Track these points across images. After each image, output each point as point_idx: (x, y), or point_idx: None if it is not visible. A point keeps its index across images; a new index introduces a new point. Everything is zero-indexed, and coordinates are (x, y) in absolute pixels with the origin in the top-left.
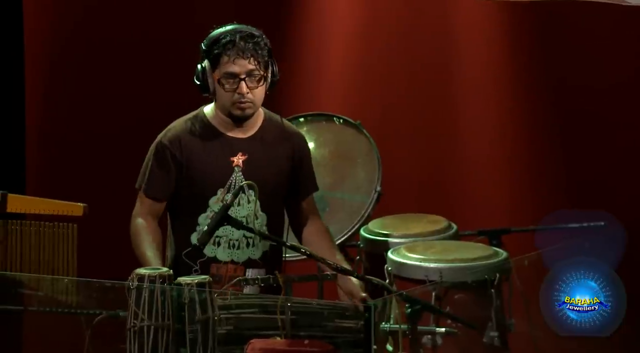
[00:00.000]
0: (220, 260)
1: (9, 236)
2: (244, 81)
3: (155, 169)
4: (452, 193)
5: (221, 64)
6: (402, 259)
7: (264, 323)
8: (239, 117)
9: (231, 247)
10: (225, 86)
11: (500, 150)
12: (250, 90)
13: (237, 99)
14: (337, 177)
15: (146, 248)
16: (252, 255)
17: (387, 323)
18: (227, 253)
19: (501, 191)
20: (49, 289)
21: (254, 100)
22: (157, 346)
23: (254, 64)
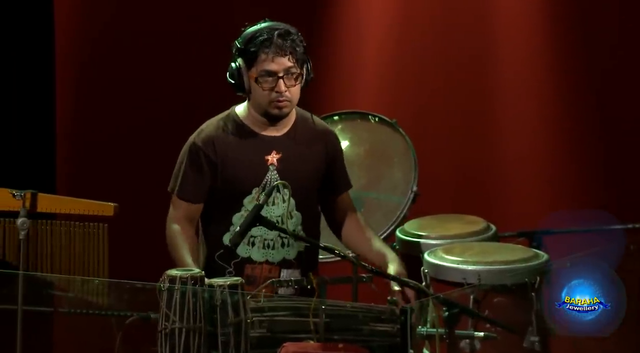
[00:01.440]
0: (255, 261)
1: (39, 236)
2: (282, 79)
3: (189, 171)
4: (491, 193)
5: (258, 62)
6: (439, 261)
7: (297, 327)
8: (276, 116)
9: (266, 247)
10: (262, 85)
11: (541, 148)
12: (288, 89)
13: (274, 98)
14: (372, 176)
15: (185, 256)
16: (287, 255)
17: (424, 327)
18: (261, 254)
19: (542, 191)
20: (80, 290)
21: (291, 99)
22: (189, 349)
23: (292, 61)
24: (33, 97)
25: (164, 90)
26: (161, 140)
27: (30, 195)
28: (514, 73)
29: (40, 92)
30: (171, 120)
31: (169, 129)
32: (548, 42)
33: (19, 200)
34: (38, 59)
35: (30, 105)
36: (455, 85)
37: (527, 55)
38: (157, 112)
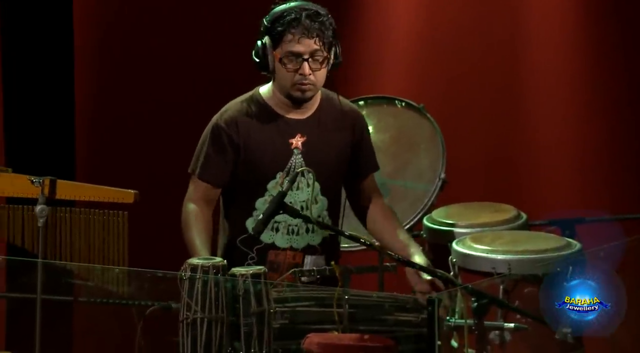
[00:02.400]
0: (279, 247)
1: (59, 223)
2: (307, 62)
3: (211, 152)
4: (522, 180)
5: (284, 42)
6: (468, 250)
7: (321, 317)
8: (298, 99)
9: (290, 232)
10: (287, 66)
11: (573, 135)
12: (313, 72)
13: (298, 80)
14: (398, 163)
15: (195, 236)
16: (312, 241)
17: (452, 318)
18: (285, 240)
19: (574, 178)
20: (99, 279)
21: (315, 83)
22: (211, 339)
23: (319, 44)
24: (52, 83)
25: (184, 73)
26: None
27: (49, 181)
28: (545, 59)
29: (58, 78)
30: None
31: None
32: (580, 27)
33: (37, 187)
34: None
35: (49, 92)
36: (484, 70)
37: (558, 41)
38: (178, 97)
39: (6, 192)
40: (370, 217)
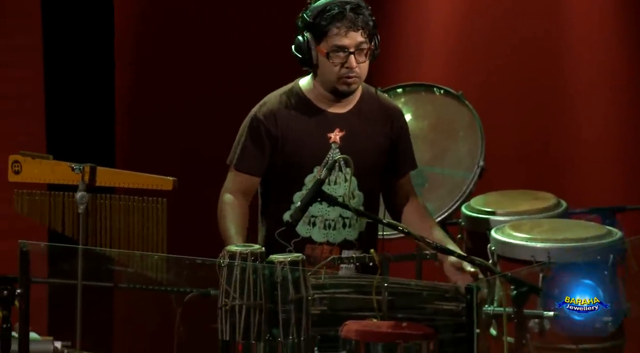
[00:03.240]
0: (316, 241)
1: (98, 210)
2: (354, 55)
3: (248, 144)
4: (562, 168)
5: (329, 37)
6: (507, 238)
7: (360, 304)
8: (344, 93)
9: (327, 227)
10: (333, 60)
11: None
12: (358, 65)
13: (344, 74)
14: (436, 151)
15: (230, 225)
16: (349, 236)
17: (491, 306)
18: (322, 234)
19: (615, 166)
20: (139, 265)
21: (360, 75)
22: (249, 326)
23: (364, 36)
24: (92, 72)
25: (224, 62)
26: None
27: (90, 168)
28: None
29: (99, 66)
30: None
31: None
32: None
33: (78, 174)
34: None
35: (89, 80)
36: (525, 59)
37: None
38: (218, 85)
39: (47, 179)
40: (405, 216)
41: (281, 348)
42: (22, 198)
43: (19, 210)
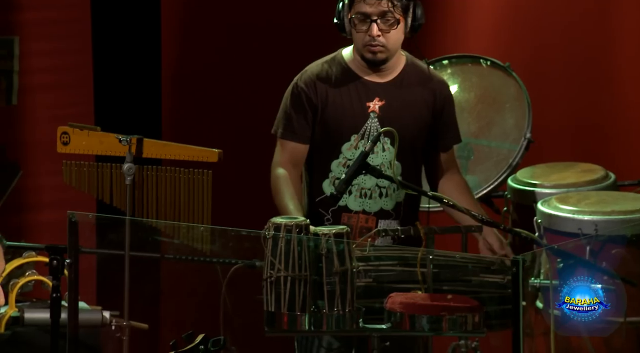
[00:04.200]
0: (351, 210)
1: (145, 181)
2: (376, 23)
3: (291, 112)
4: (610, 139)
5: (355, 3)
6: (554, 211)
7: (404, 277)
8: (371, 61)
9: (363, 196)
10: (356, 26)
11: None
12: (382, 34)
13: (367, 41)
14: (483, 123)
15: (287, 200)
16: (385, 206)
17: (537, 279)
18: (358, 203)
19: None
20: (185, 237)
21: (386, 45)
22: (294, 297)
23: (388, 6)
24: (139, 44)
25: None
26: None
27: (137, 140)
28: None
29: (145, 38)
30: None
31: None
32: None
33: (125, 146)
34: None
35: (136, 52)
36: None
37: None
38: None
39: (95, 151)
40: (445, 190)
41: (326, 319)
42: (71, 169)
43: (67, 181)
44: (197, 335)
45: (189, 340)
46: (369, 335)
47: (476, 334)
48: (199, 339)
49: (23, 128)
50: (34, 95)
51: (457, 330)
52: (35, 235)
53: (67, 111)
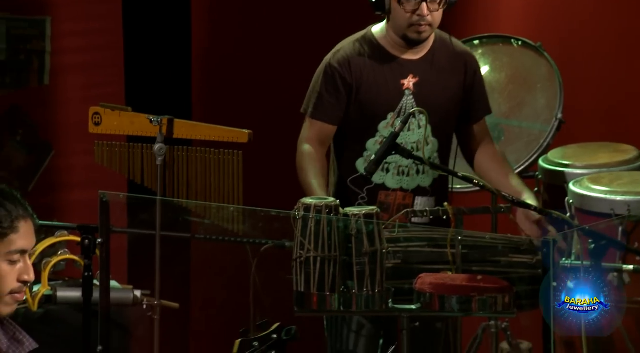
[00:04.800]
0: (389, 188)
1: (176, 162)
2: (426, 2)
3: (323, 92)
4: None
5: None
6: (586, 191)
7: (434, 257)
8: (414, 41)
9: (400, 174)
10: (405, 7)
11: None
12: (431, 13)
13: (415, 21)
14: (514, 103)
15: (312, 178)
16: (422, 183)
17: (568, 260)
18: (396, 181)
19: None
20: (216, 217)
21: (432, 23)
22: (324, 277)
23: None
24: (169, 23)
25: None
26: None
27: (167, 121)
28: None
29: (176, 18)
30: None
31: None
32: None
33: (156, 126)
34: None
35: (167, 32)
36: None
37: None
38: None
39: (126, 131)
40: (481, 162)
41: (355, 300)
42: (102, 149)
43: (99, 161)
44: (272, 324)
45: (263, 329)
46: (399, 316)
47: (506, 315)
48: (274, 328)
49: (55, 108)
50: (65, 75)
51: (487, 310)
52: (67, 215)
53: (98, 91)
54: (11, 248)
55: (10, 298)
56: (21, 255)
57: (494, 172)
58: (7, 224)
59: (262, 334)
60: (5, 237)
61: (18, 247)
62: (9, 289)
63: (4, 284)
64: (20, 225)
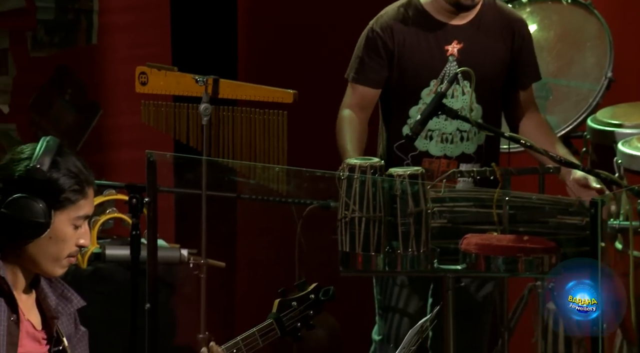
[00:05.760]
0: (433, 155)
1: (221, 122)
2: None
3: (365, 57)
4: None
5: None
6: (635, 151)
7: (480, 218)
8: (468, 6)
9: (444, 141)
10: None
11: None
12: None
13: None
14: (562, 62)
15: (347, 142)
16: (466, 150)
17: (617, 220)
18: (439, 148)
19: None
20: (260, 177)
21: None
22: (369, 238)
23: None
24: None
25: None
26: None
27: (213, 81)
28: None
29: None
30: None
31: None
32: None
33: (201, 86)
34: None
35: None
36: None
37: None
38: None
39: (172, 91)
40: (526, 130)
41: (400, 260)
42: (149, 109)
43: (145, 120)
44: (309, 284)
45: (301, 289)
46: (444, 276)
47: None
48: (311, 288)
49: (103, 68)
50: (113, 35)
51: (534, 271)
52: (115, 174)
53: (145, 51)
54: (79, 213)
55: (66, 261)
56: (84, 220)
57: (538, 141)
58: (79, 189)
59: (300, 294)
60: (76, 202)
61: (85, 212)
62: (67, 252)
63: (65, 248)
64: (88, 190)
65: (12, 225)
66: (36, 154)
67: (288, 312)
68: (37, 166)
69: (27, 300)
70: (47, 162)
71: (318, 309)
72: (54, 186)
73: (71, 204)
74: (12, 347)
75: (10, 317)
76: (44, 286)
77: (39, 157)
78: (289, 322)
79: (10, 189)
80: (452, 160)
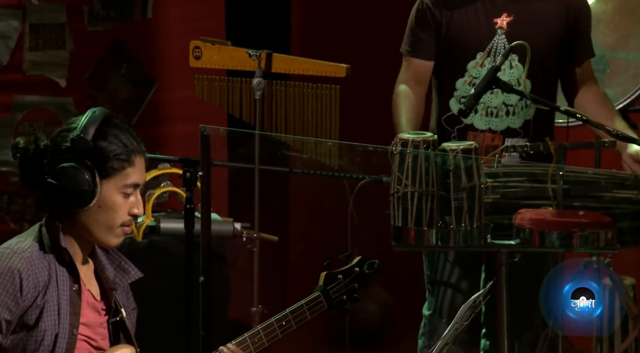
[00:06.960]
0: (477, 129)
1: (274, 97)
2: None
3: (416, 29)
4: None
5: None
6: None
7: (534, 193)
8: None
9: (489, 114)
10: None
11: None
12: None
13: None
14: (620, 35)
15: (402, 115)
16: (512, 124)
17: None
18: (484, 122)
19: None
20: (313, 151)
21: None
22: (421, 213)
23: None
24: None
25: None
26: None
27: (266, 55)
28: None
29: None
30: None
31: None
32: None
33: (254, 61)
34: None
35: None
36: None
37: None
38: None
39: (225, 65)
40: (584, 104)
41: (453, 235)
42: (202, 83)
43: (199, 94)
44: (354, 257)
45: (345, 261)
46: (497, 251)
47: (609, 250)
48: (355, 261)
49: (158, 42)
50: (167, 9)
51: (589, 246)
52: (169, 147)
53: (199, 25)
54: (127, 181)
55: (120, 230)
56: (134, 188)
57: (596, 115)
58: (125, 157)
59: (345, 267)
60: (122, 170)
61: (133, 180)
62: (120, 222)
63: (116, 216)
64: (136, 159)
65: (61, 195)
66: (81, 124)
67: (334, 285)
68: (80, 135)
69: (87, 271)
70: (91, 132)
71: (363, 282)
72: (99, 154)
73: (117, 172)
74: (74, 317)
75: (72, 286)
76: (101, 258)
77: (83, 126)
78: (335, 295)
79: (59, 159)
80: (497, 134)
